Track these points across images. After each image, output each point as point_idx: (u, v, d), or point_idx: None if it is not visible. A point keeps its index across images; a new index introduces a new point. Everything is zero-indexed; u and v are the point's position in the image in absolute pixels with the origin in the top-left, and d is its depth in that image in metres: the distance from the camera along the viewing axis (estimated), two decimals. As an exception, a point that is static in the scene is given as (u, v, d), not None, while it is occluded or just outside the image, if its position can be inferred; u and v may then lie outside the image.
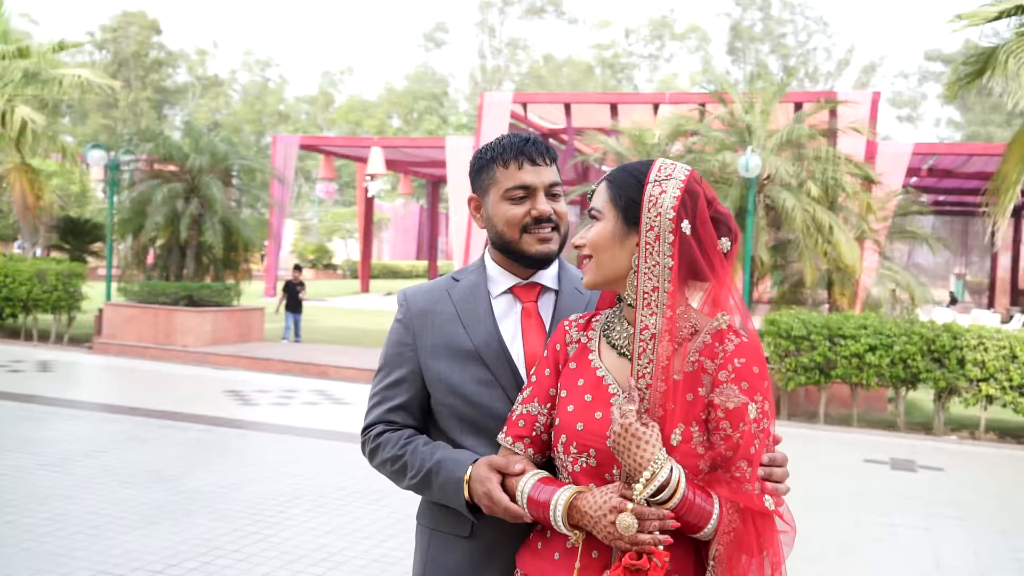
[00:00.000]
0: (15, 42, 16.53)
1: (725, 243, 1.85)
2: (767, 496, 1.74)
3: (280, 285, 18.33)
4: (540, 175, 2.06)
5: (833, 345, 10.58)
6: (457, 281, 2.18)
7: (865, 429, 10.69)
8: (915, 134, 60.37)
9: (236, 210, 16.11)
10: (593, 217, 1.90)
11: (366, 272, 32.44)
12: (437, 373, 2.09)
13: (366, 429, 2.19)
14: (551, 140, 25.52)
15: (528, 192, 2.05)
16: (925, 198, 23.75)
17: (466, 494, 1.93)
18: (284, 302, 16.07)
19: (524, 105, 23.34)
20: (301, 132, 52.56)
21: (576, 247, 1.95)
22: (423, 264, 39.59)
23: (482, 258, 2.20)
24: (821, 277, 12.79)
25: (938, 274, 33.94)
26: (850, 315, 11.13)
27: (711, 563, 1.73)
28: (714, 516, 1.71)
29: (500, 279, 2.13)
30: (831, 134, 14.28)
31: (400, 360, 2.14)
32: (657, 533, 1.67)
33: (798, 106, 16.51)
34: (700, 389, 1.77)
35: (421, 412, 2.15)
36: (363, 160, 28.08)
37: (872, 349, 10.42)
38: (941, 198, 28.51)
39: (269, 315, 16.61)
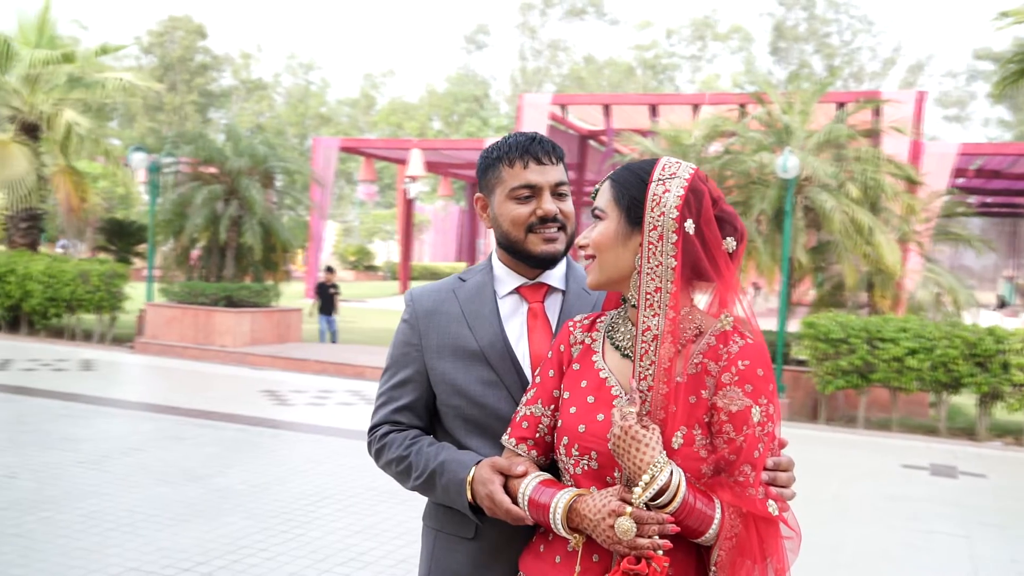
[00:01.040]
0: (61, 47, 16.85)
1: (730, 243, 1.82)
2: (771, 501, 1.71)
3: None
4: (546, 174, 2.05)
5: (872, 348, 10.41)
6: (464, 281, 2.18)
7: (905, 434, 10.50)
8: (963, 134, 59.26)
9: (275, 212, 16.27)
10: (596, 217, 1.88)
11: (406, 274, 32.59)
12: (442, 374, 2.08)
13: (372, 429, 2.20)
14: (590, 141, 25.45)
15: (533, 191, 2.04)
16: (972, 199, 23.30)
17: (469, 496, 1.92)
18: (317, 304, 16.21)
19: (563, 106, 23.28)
20: (343, 134, 53.02)
21: (580, 247, 1.93)
22: (463, 266, 39.66)
23: (489, 258, 2.19)
24: (862, 279, 12.59)
25: (987, 277, 33.31)
26: (890, 318, 10.95)
27: (713, 568, 1.71)
28: (715, 521, 1.68)
29: (507, 279, 2.12)
30: (874, 134, 14.06)
31: (406, 360, 2.14)
32: (657, 537, 1.65)
33: (841, 107, 16.27)
34: (703, 391, 1.75)
35: (427, 413, 2.15)
36: (403, 162, 28.21)
37: (912, 352, 10.24)
38: (989, 200, 27.95)
39: (307, 316, 16.75)
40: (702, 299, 1.88)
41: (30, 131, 16.43)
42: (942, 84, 62.44)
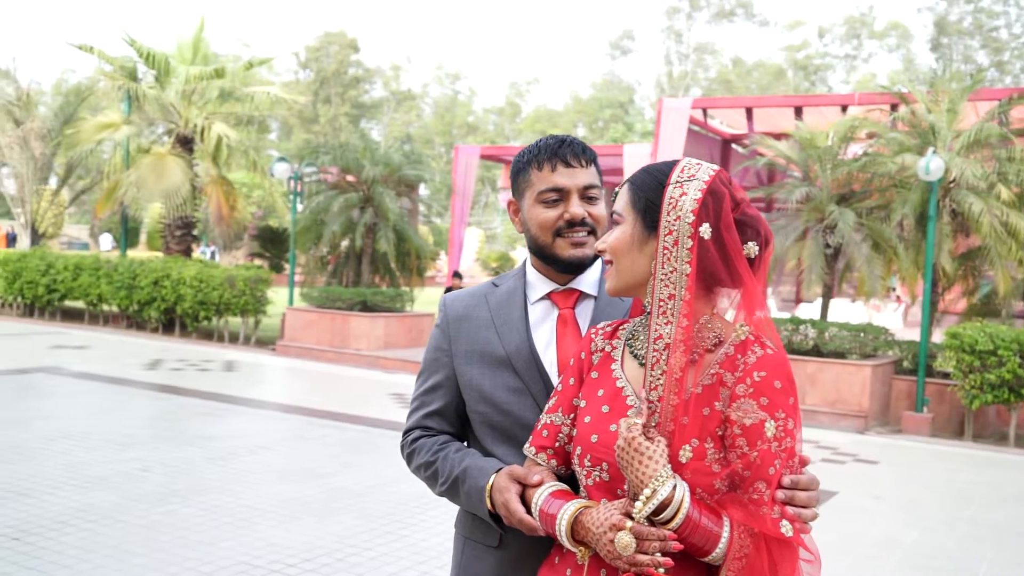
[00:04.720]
0: (215, 64, 17.82)
1: (752, 248, 1.73)
2: (784, 521, 1.60)
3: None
4: (574, 177, 2.01)
5: (1024, 361, 9.72)
6: (497, 287, 2.16)
7: (1063, 454, 9.76)
8: None
9: (416, 219, 16.63)
10: (615, 221, 1.83)
11: (544, 280, 32.68)
12: (470, 379, 2.07)
13: (405, 434, 2.20)
14: (734, 145, 24.85)
15: (561, 195, 2.00)
16: None
17: (488, 504, 1.90)
18: None
19: (704, 111, 22.83)
20: (489, 143, 53.83)
21: (598, 252, 1.88)
22: (604, 272, 39.37)
23: (523, 263, 2.17)
24: (1016, 287, 11.79)
25: None
26: (1045, 329, 10.20)
27: (721, 590, 1.62)
28: (723, 539, 1.60)
29: (538, 285, 2.09)
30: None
31: (437, 366, 2.14)
32: (658, 555, 1.58)
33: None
34: (716, 403, 1.66)
35: (458, 418, 2.14)
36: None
37: (1070, 367, 9.51)
38: None
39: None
40: (728, 307, 1.80)
41: (185, 143, 17.45)
42: None
